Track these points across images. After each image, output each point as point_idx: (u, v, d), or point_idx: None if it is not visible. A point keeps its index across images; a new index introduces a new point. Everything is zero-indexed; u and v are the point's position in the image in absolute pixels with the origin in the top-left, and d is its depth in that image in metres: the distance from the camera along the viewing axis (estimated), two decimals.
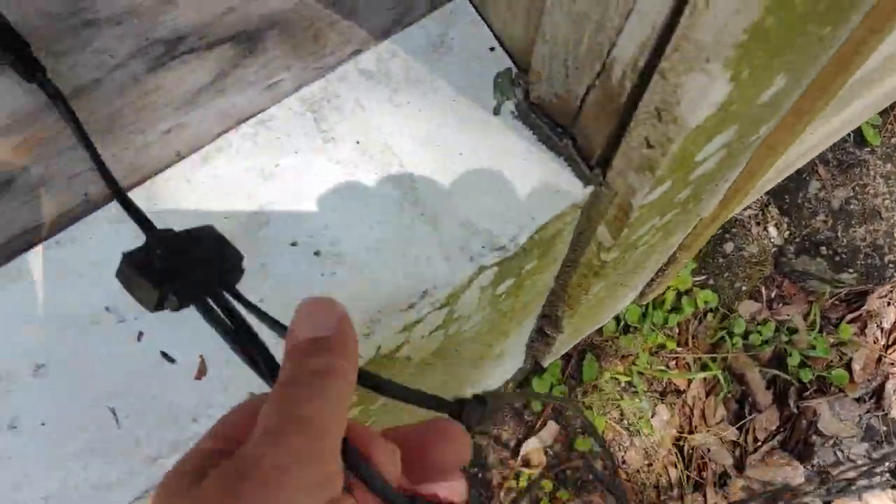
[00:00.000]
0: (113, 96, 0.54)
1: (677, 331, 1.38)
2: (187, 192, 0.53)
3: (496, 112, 0.58)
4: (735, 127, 0.51)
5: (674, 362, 1.38)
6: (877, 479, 1.44)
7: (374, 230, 0.54)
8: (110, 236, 0.51)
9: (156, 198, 0.53)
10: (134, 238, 0.52)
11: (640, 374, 1.32)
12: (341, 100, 0.56)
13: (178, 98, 0.55)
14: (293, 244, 0.53)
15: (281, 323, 0.36)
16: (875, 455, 1.45)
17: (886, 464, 1.44)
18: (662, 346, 1.33)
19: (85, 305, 0.50)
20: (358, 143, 0.55)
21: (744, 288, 1.39)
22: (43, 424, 0.48)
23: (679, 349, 1.36)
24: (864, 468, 1.42)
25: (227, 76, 0.56)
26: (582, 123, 0.55)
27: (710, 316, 1.39)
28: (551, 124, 0.57)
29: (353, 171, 0.54)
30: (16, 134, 0.52)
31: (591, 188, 0.57)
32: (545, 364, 1.23)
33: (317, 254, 0.53)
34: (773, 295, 1.44)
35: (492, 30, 0.58)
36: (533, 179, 0.57)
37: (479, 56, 0.58)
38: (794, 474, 1.40)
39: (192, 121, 0.54)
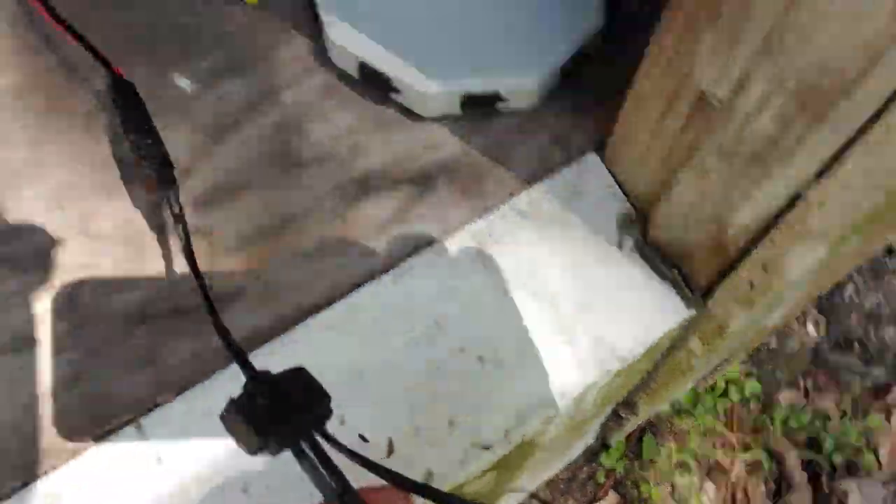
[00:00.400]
0: (318, 222, 0.69)
1: (724, 416, 1.51)
2: (380, 305, 0.66)
3: (619, 247, 0.72)
4: (823, 272, 0.65)
5: (720, 443, 1.50)
6: None
7: (525, 342, 0.67)
8: (319, 339, 0.65)
9: (355, 308, 0.66)
10: (341, 339, 0.65)
11: (692, 453, 1.45)
12: (501, 235, 0.70)
13: (370, 228, 0.69)
14: (461, 350, 0.66)
15: (373, 462, 0.38)
16: None
17: None
18: (711, 429, 1.46)
19: None
20: (514, 270, 0.69)
21: (784, 378, 1.53)
22: None
23: (726, 432, 1.49)
24: None
25: (407, 212, 0.70)
26: (692, 263, 0.68)
27: (753, 402, 1.52)
28: (664, 258, 0.71)
29: (511, 291, 0.68)
30: (243, 251, 0.66)
31: (693, 311, 0.71)
32: (612, 443, 1.36)
33: (480, 358, 0.66)
34: (809, 385, 1.57)
35: (616, 180, 0.73)
36: (647, 303, 0.70)
37: (606, 201, 0.72)
38: None
39: (382, 247, 0.68)
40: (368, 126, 0.72)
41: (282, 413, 0.39)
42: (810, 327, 1.47)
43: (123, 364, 0.62)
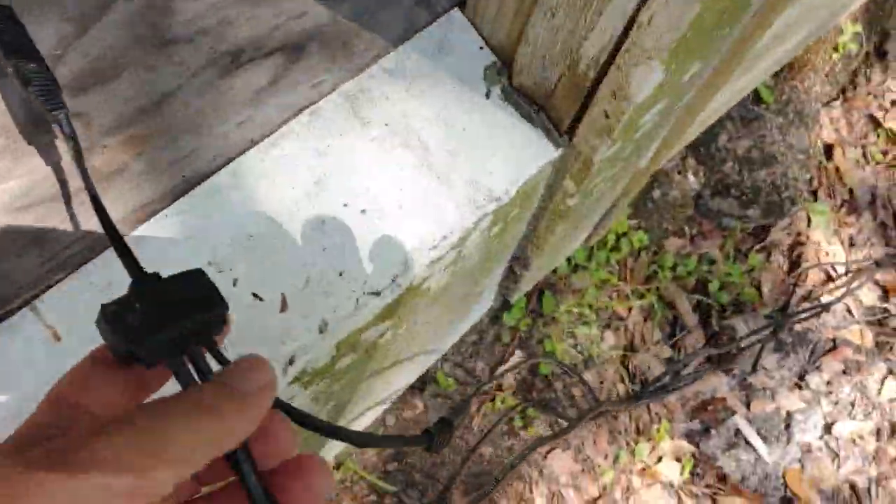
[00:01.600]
0: (194, 97, 0.70)
1: (617, 267, 1.60)
2: (264, 168, 0.69)
3: (487, 96, 0.75)
4: (666, 99, 0.71)
5: (616, 294, 1.60)
6: (785, 382, 1.70)
7: (404, 191, 0.71)
8: (206, 205, 0.67)
9: (238, 174, 0.69)
10: (227, 204, 0.67)
11: (590, 306, 1.54)
12: (371, 93, 0.73)
13: (245, 97, 0.71)
14: (345, 205, 0.70)
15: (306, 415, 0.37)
16: (783, 363, 1.71)
17: (793, 369, 1.71)
18: (606, 281, 1.55)
19: (193, 264, 0.66)
20: (386, 125, 0.72)
21: (670, 227, 1.62)
22: None
23: (620, 283, 1.59)
24: (775, 374, 1.68)
25: (281, 79, 0.72)
26: (554, 102, 0.73)
27: (643, 253, 1.62)
28: (529, 103, 0.75)
29: (384, 145, 0.72)
30: (121, 132, 0.67)
31: (561, 150, 0.76)
32: (512, 300, 1.43)
33: (363, 211, 0.70)
34: (694, 232, 1.67)
35: (480, 34, 0.76)
36: (517, 146, 0.75)
37: (472, 54, 0.76)
38: (720, 383, 1.65)
39: (259, 114, 0.71)
40: (235, 2, 0.73)
41: (161, 321, 0.35)
42: (690, 176, 1.56)
43: (11, 249, 0.63)
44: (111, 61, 0.70)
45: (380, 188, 0.71)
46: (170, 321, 0.36)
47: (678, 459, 1.58)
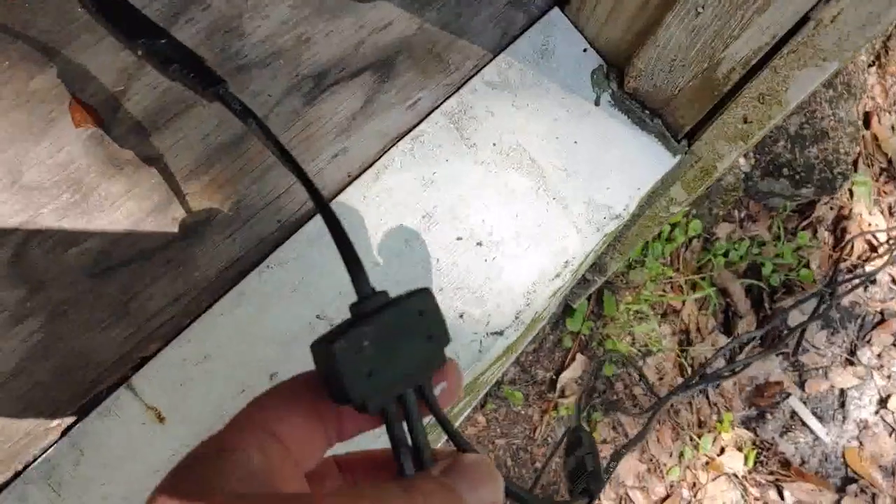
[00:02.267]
0: (279, 131, 0.62)
1: (670, 259, 1.53)
2: (364, 208, 0.61)
3: (597, 103, 0.68)
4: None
5: (670, 286, 1.54)
6: (836, 359, 1.65)
7: (520, 217, 0.64)
8: (310, 255, 0.60)
9: (341, 214, 0.61)
10: (329, 252, 0.60)
11: (646, 300, 1.48)
12: (475, 110, 0.65)
13: (337, 126, 0.63)
14: (458, 238, 0.63)
15: (461, 438, 0.33)
16: (833, 340, 1.66)
17: (843, 346, 1.66)
18: (661, 274, 1.49)
19: (299, 319, 0.59)
20: (494, 144, 0.65)
21: (720, 213, 1.56)
22: None
23: (673, 275, 1.52)
24: (826, 351, 1.64)
25: (373, 101, 0.64)
26: (674, 106, 0.66)
27: (695, 242, 1.55)
28: (643, 108, 0.68)
29: (495, 169, 0.64)
30: (204, 174, 0.59)
31: (678, 157, 0.69)
32: (575, 305, 1.36)
33: (479, 244, 0.63)
34: (742, 215, 1.61)
35: (583, 35, 0.68)
36: (632, 156, 0.68)
37: (577, 58, 0.68)
38: (773, 366, 1.60)
39: (354, 144, 0.63)
40: (309, 14, 0.65)
41: (387, 366, 0.31)
42: (741, 159, 1.50)
43: (96, 322, 0.55)
44: (179, 95, 0.61)
45: (494, 217, 0.63)
46: (396, 367, 0.31)
47: (740, 449, 1.54)
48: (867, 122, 1.72)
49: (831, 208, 1.66)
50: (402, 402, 0.32)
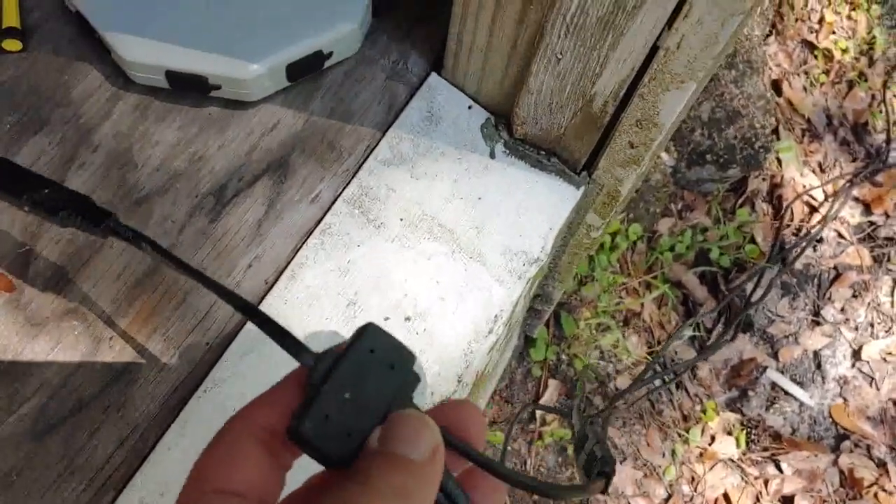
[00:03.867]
0: (190, 253, 0.63)
1: (619, 266, 1.56)
2: (288, 310, 0.62)
3: (492, 155, 0.70)
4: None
5: (625, 292, 1.56)
6: (802, 322, 1.68)
7: (441, 284, 0.65)
8: (243, 369, 0.60)
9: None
10: (261, 359, 0.60)
11: (604, 312, 1.50)
12: (375, 190, 0.66)
13: (246, 235, 0.64)
14: (386, 318, 0.64)
15: (485, 459, 0.33)
16: (795, 305, 1.69)
17: (806, 308, 1.69)
18: (613, 283, 1.51)
19: None
20: (401, 219, 0.66)
21: (657, 210, 1.59)
22: None
23: (626, 280, 1.54)
24: (791, 317, 1.67)
25: (276, 204, 0.65)
26: (565, 143, 0.68)
27: (639, 244, 1.58)
28: (537, 150, 0.70)
29: (408, 242, 0.65)
30: (126, 313, 0.60)
31: (582, 188, 0.71)
32: (534, 335, 1.38)
33: (407, 319, 0.64)
34: (680, 207, 1.64)
35: (464, 92, 0.70)
36: (539, 198, 0.69)
37: (463, 116, 0.70)
38: (743, 345, 1.62)
39: (265, 250, 0.64)
40: (198, 131, 0.66)
41: (359, 420, 0.31)
42: (664, 155, 1.53)
43: (48, 483, 0.55)
44: (84, 240, 0.62)
45: (416, 289, 0.65)
46: (369, 412, 0.31)
47: (729, 433, 1.55)
48: (778, 90, 1.77)
49: (763, 179, 1.70)
50: None
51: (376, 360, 0.32)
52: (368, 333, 0.33)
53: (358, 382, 0.31)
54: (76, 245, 0.61)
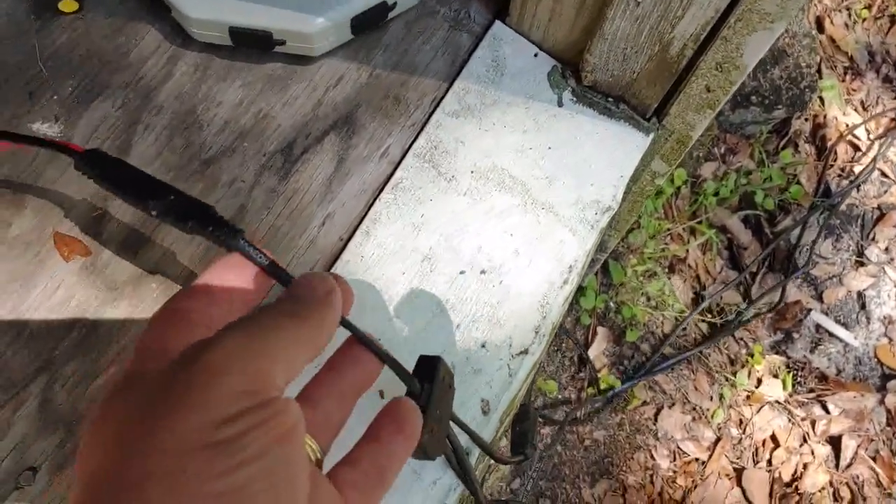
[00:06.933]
0: (262, 214, 0.62)
1: (664, 212, 1.54)
2: (365, 266, 0.62)
3: (559, 104, 0.68)
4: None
5: (670, 238, 1.55)
6: (846, 264, 1.66)
7: (515, 237, 0.64)
8: None
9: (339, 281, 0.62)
10: None
11: (651, 258, 1.49)
12: (445, 143, 0.65)
13: (317, 193, 0.63)
14: (461, 272, 0.63)
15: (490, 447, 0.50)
16: (839, 246, 1.67)
17: (850, 249, 1.67)
18: (659, 230, 1.50)
19: None
20: (472, 172, 0.65)
21: (701, 154, 1.56)
22: None
23: (671, 226, 1.53)
24: (835, 259, 1.65)
25: (345, 160, 0.64)
26: (636, 90, 0.66)
27: (683, 189, 1.56)
28: (605, 98, 0.68)
29: (479, 195, 0.65)
30: None
31: (652, 135, 0.69)
32: (585, 283, 1.37)
33: (483, 272, 0.63)
34: (723, 150, 1.62)
35: (530, 40, 0.69)
36: (608, 146, 0.68)
37: (529, 64, 0.69)
38: (788, 287, 1.61)
39: (337, 207, 0.63)
40: (261, 89, 0.65)
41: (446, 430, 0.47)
42: None
43: None
44: None
45: (490, 242, 0.64)
46: (447, 421, 0.47)
47: (776, 376, 1.55)
48: (821, 27, 1.72)
49: (806, 120, 1.67)
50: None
51: (445, 384, 0.47)
52: (441, 366, 0.47)
53: (442, 402, 0.46)
54: None
